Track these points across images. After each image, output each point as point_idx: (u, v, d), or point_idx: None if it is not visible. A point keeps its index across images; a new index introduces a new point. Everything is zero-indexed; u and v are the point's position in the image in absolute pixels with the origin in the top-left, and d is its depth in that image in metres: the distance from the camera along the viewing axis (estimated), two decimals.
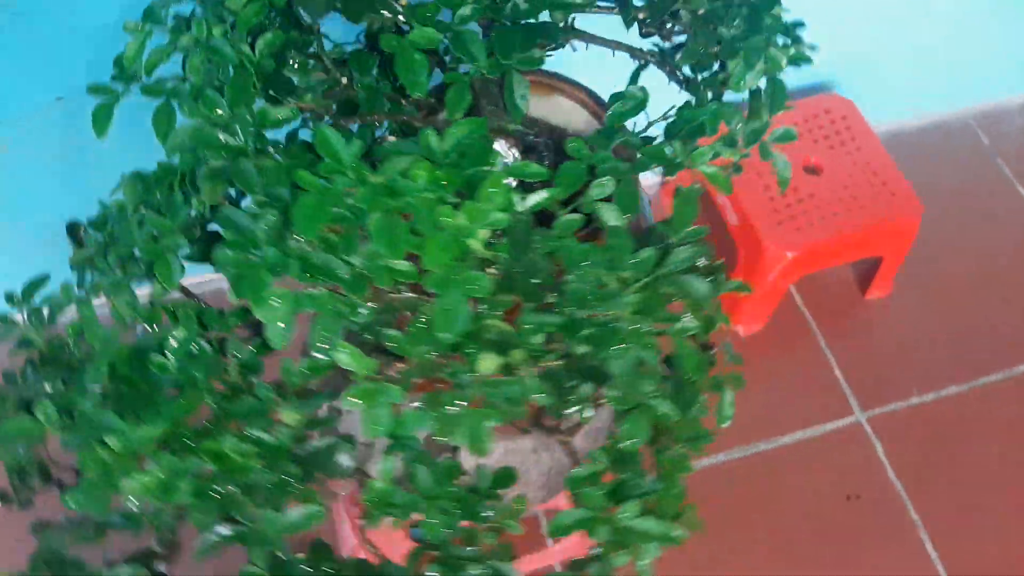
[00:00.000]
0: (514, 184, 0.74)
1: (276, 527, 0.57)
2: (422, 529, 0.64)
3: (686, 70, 0.74)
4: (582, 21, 0.78)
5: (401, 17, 0.61)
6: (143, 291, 0.68)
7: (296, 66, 0.65)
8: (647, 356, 0.57)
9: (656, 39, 0.72)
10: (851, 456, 1.51)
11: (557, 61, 0.88)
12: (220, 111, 0.62)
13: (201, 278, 0.99)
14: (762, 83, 0.70)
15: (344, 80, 0.69)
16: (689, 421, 0.69)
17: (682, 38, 0.69)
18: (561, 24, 0.69)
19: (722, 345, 0.76)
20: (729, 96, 0.74)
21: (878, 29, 1.69)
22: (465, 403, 0.55)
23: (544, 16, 0.66)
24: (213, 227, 0.68)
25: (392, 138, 0.76)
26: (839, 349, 1.63)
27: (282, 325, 0.56)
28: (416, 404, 0.57)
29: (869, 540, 1.44)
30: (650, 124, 0.67)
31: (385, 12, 0.61)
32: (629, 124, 0.72)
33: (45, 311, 0.72)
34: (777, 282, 1.52)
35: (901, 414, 1.56)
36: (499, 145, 0.74)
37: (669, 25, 0.68)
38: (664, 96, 0.77)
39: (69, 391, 0.63)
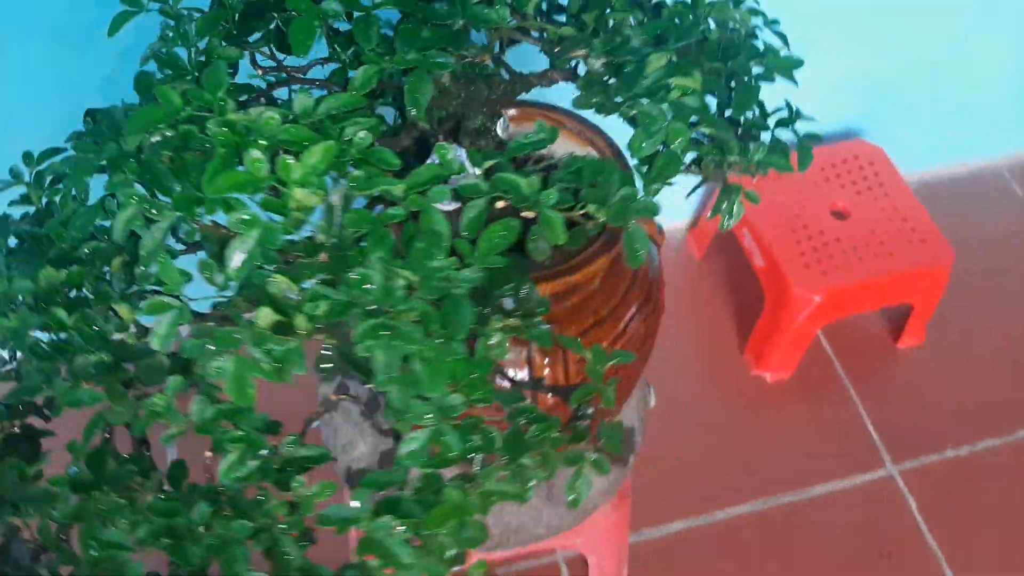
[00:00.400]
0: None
1: (65, 398, 0.62)
2: (219, 469, 0.66)
3: None
4: None
5: None
6: None
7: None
8: (418, 367, 0.55)
9: None
10: (883, 511, 1.41)
11: None
12: (191, 39, 0.69)
13: None
14: None
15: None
16: (514, 470, 0.65)
17: None
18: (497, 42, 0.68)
19: (609, 424, 0.71)
20: None
21: (909, 76, 1.61)
22: (233, 344, 0.56)
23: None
24: None
25: None
26: (870, 399, 1.52)
27: (123, 222, 0.61)
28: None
29: None
30: (541, 167, 0.64)
31: None
32: None
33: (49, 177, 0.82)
34: (804, 327, 1.46)
35: (935, 468, 1.45)
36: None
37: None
38: None
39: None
